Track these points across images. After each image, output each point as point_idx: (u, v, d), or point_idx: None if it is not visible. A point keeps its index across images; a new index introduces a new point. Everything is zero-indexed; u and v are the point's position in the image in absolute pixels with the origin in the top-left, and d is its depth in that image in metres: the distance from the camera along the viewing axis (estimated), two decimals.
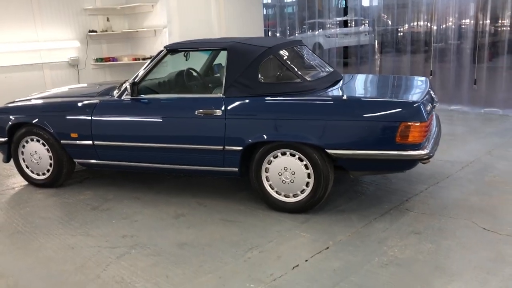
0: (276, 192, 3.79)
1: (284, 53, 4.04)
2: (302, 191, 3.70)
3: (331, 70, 4.41)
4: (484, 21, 7.67)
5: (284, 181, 3.72)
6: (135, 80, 4.11)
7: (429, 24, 8.54)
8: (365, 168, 3.61)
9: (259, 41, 4.14)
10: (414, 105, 3.40)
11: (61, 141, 4.36)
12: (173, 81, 4.56)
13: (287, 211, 3.77)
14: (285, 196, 3.77)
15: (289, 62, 3.98)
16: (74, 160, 4.45)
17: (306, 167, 3.63)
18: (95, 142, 4.22)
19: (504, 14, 7.55)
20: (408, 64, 8.85)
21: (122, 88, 4.22)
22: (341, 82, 4.22)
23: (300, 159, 3.64)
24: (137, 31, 8.44)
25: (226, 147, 3.78)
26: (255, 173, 3.79)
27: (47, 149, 4.45)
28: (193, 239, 3.42)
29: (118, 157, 4.23)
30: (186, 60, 4.61)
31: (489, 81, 7.62)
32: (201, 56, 5.10)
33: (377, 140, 3.41)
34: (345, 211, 3.79)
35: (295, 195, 3.74)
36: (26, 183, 4.75)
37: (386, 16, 9.63)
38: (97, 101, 4.27)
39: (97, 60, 8.36)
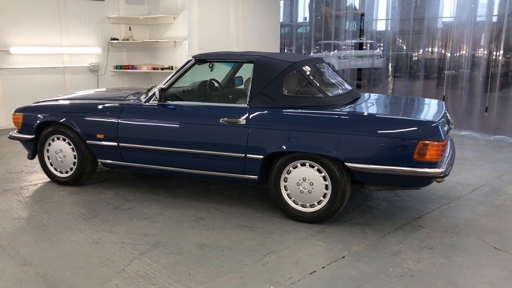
0: (294, 201, 3.92)
1: (307, 68, 4.21)
2: (319, 202, 3.83)
3: (350, 88, 4.57)
4: (497, 52, 7.86)
5: (302, 191, 3.85)
6: (163, 87, 4.27)
7: (443, 51, 8.74)
8: (382, 182, 3.74)
9: (284, 56, 4.31)
10: (433, 124, 3.54)
11: (87, 141, 4.51)
12: (197, 90, 4.74)
13: (303, 221, 3.89)
14: (302, 205, 3.90)
15: (312, 78, 4.15)
16: (98, 160, 4.60)
17: (324, 178, 3.76)
18: (120, 144, 4.37)
19: None
20: (420, 88, 9.03)
21: (150, 94, 4.39)
22: (360, 99, 4.38)
23: (319, 171, 3.77)
24: (157, 41, 8.65)
25: (248, 155, 3.93)
26: (274, 182, 3.92)
27: (72, 148, 4.61)
28: (212, 241, 3.55)
29: (141, 159, 4.37)
30: (211, 70, 4.80)
31: (500, 110, 7.78)
32: (222, 68, 5.28)
33: (395, 156, 3.54)
34: (360, 223, 3.91)
35: (312, 205, 3.86)
36: (48, 180, 4.89)
37: (401, 41, 9.84)
38: (125, 104, 4.43)
39: (116, 67, 8.57)
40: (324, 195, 3.80)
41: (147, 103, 4.36)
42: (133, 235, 3.63)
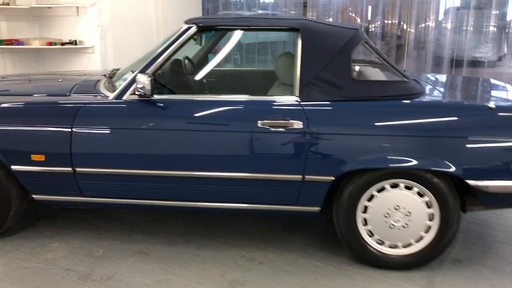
0: (378, 240, 2.60)
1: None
2: (419, 239, 2.57)
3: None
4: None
5: (392, 226, 2.55)
6: (149, 72, 2.62)
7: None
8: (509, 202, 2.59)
9: (333, 23, 2.91)
10: None
11: (12, 167, 2.68)
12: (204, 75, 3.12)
13: (389, 267, 2.62)
14: (390, 246, 2.60)
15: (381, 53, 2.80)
16: (33, 196, 2.79)
17: (428, 205, 2.50)
18: (78, 169, 2.63)
19: None
20: None
21: (123, 85, 2.69)
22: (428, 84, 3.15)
23: (420, 194, 2.50)
24: (50, 7, 6.50)
25: (307, 177, 2.51)
26: (345, 214, 2.56)
27: None
28: None
29: (116, 191, 2.70)
30: (200, 44, 3.22)
31: None
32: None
33: None
34: (463, 261, 2.73)
35: (406, 245, 2.59)
36: None
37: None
38: (80, 103, 2.68)
39: None
40: (428, 229, 2.54)
41: (120, 99, 2.67)
42: None
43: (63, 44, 6.43)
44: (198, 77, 3.29)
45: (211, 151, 2.55)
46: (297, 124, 2.48)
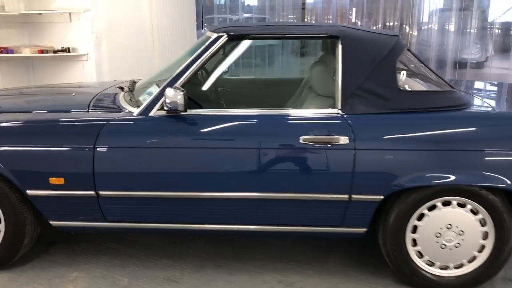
0: (428, 262, 2.43)
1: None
2: (472, 259, 2.41)
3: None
4: None
5: (444, 246, 2.39)
6: (178, 85, 2.41)
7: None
8: None
9: (372, 30, 2.75)
10: None
11: (28, 192, 2.44)
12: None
13: None
14: (441, 267, 2.44)
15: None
16: (51, 222, 2.55)
17: (481, 223, 2.35)
18: (101, 192, 2.40)
19: None
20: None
21: (151, 99, 2.47)
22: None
23: (473, 211, 2.34)
24: (40, 13, 6.21)
25: (354, 196, 2.32)
26: (393, 235, 2.39)
27: None
28: None
29: (144, 216, 2.47)
30: (223, 54, 3.03)
31: None
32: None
33: None
34: None
35: (458, 266, 2.43)
36: None
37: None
38: (104, 120, 2.45)
39: None
40: (481, 249, 2.38)
41: (146, 115, 2.45)
42: None
43: (55, 52, 6.16)
44: (219, 88, 3.08)
45: (249, 170, 2.35)
46: (343, 139, 2.30)
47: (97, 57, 6.00)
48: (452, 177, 2.26)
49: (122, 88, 2.96)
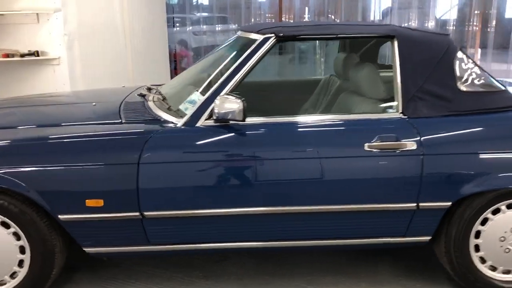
0: (491, 267, 2.36)
1: None
2: None
3: None
4: None
5: (508, 250, 2.32)
6: (228, 91, 2.20)
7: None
8: None
9: (424, 29, 2.63)
10: None
11: (60, 217, 2.14)
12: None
13: None
14: (504, 272, 2.37)
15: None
16: (86, 249, 2.26)
17: None
18: (147, 213, 2.15)
19: None
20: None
21: (197, 108, 2.23)
22: None
23: None
24: (3, 14, 5.71)
25: (422, 204, 2.21)
26: (458, 241, 2.30)
27: (14, 234, 2.18)
28: None
29: (195, 236, 2.25)
30: None
31: None
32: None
33: None
34: None
35: None
36: None
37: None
38: (148, 132, 2.19)
39: None
40: None
41: (192, 126, 2.21)
42: None
43: (22, 55, 5.68)
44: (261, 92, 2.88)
45: (311, 181, 2.18)
46: (410, 145, 2.18)
47: (70, 61, 5.59)
48: None
49: (143, 95, 2.69)
